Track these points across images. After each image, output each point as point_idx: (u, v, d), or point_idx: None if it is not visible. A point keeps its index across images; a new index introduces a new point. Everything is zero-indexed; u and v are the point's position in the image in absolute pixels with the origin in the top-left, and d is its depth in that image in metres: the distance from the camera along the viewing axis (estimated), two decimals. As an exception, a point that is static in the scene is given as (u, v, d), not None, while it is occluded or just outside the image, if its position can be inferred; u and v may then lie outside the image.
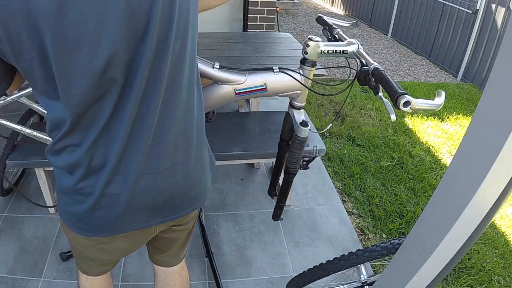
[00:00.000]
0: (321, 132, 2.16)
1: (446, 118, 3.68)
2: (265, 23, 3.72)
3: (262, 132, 2.10)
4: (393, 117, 0.92)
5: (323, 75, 2.28)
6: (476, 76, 4.79)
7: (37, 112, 2.20)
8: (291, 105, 1.21)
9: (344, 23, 1.32)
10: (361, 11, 7.66)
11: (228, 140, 2.02)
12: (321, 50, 1.09)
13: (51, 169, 1.98)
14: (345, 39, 1.14)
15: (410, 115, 3.64)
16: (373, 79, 0.98)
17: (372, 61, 1.01)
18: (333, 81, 4.25)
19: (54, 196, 2.07)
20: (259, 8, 3.62)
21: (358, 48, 1.09)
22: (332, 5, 8.83)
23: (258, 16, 3.67)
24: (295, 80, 1.12)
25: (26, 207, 2.08)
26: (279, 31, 4.68)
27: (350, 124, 3.28)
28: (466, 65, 4.92)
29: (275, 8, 3.71)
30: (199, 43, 2.88)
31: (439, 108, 0.93)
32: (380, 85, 0.97)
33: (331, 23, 1.27)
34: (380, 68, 0.98)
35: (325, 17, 1.30)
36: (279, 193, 1.44)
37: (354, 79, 1.06)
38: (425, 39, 5.70)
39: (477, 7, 4.64)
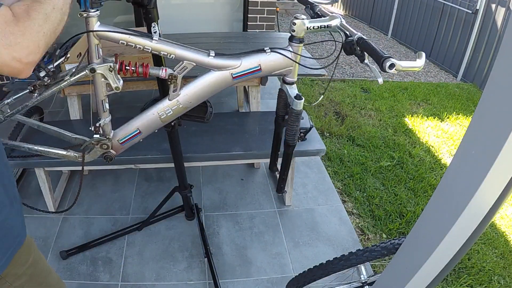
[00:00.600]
0: (313, 104, 2.30)
1: (446, 118, 3.68)
2: (265, 23, 3.72)
3: (262, 132, 2.10)
4: (380, 80, 0.98)
5: (323, 75, 2.29)
6: (476, 76, 4.79)
7: (37, 111, 2.21)
8: (284, 81, 1.26)
9: (323, 0, 1.41)
10: (361, 11, 7.65)
11: (228, 140, 2.02)
12: (307, 27, 1.14)
13: (51, 169, 1.98)
14: (328, 15, 1.20)
15: (410, 114, 3.64)
16: (358, 48, 1.04)
17: (355, 32, 1.07)
18: (333, 81, 4.25)
19: (54, 197, 2.07)
20: (259, 8, 3.62)
21: (341, 21, 1.15)
22: (332, 5, 8.82)
23: (258, 16, 3.67)
24: (286, 58, 1.19)
25: (26, 207, 2.08)
26: (279, 31, 4.67)
27: (350, 124, 3.28)
28: (466, 65, 4.92)
29: (275, 8, 3.71)
30: (199, 43, 2.88)
31: (420, 69, 1.00)
32: (365, 53, 1.04)
33: (312, 1, 1.35)
34: (364, 37, 1.04)
35: None
36: (281, 166, 1.51)
37: (340, 50, 1.11)
38: (425, 39, 5.70)
39: (477, 7, 4.64)
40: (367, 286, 1.37)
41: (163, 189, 2.29)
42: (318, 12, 1.29)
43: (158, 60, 1.29)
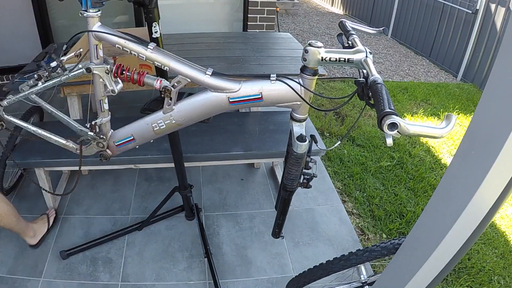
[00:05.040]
0: (329, 149, 2.13)
1: (446, 118, 3.67)
2: (265, 23, 3.72)
3: (262, 132, 2.10)
4: (389, 141, 0.76)
5: (323, 74, 2.28)
6: (476, 76, 4.79)
7: (37, 112, 2.21)
8: (291, 117, 1.12)
9: (369, 30, 1.21)
10: (361, 11, 7.65)
11: (228, 140, 2.02)
12: (322, 57, 0.96)
13: (51, 169, 1.98)
14: (356, 47, 1.01)
15: (410, 114, 3.64)
16: (370, 92, 0.85)
17: (374, 73, 0.88)
18: (333, 81, 4.25)
19: (54, 197, 2.07)
20: (259, 8, 3.62)
21: (366, 56, 0.94)
22: (332, 5, 8.83)
23: (258, 16, 3.67)
24: (293, 91, 1.03)
25: (26, 207, 2.08)
26: (279, 31, 4.67)
27: (350, 124, 3.28)
28: (466, 65, 4.92)
29: (275, 8, 3.71)
30: (199, 43, 2.87)
31: (444, 136, 0.77)
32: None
33: (349, 28, 1.13)
34: (379, 81, 0.84)
35: (347, 22, 1.17)
36: (278, 210, 1.34)
37: (355, 93, 0.94)
38: (425, 39, 5.70)
39: (477, 7, 4.64)
40: (367, 286, 1.37)
41: (163, 189, 2.29)
42: (350, 42, 1.08)
43: (160, 69, 1.27)
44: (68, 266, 1.78)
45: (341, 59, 0.96)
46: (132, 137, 1.26)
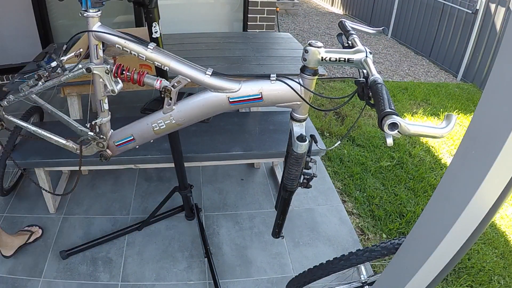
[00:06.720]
0: (329, 149, 2.12)
1: (446, 118, 3.67)
2: (265, 23, 3.72)
3: (262, 132, 2.10)
4: (389, 141, 0.76)
5: (323, 74, 2.28)
6: (476, 76, 4.79)
7: (37, 112, 2.21)
8: (291, 117, 1.12)
9: (369, 29, 1.21)
10: (361, 11, 7.65)
11: (228, 140, 2.02)
12: (322, 57, 0.96)
13: (51, 169, 1.98)
14: (356, 47, 1.00)
15: (410, 114, 3.64)
16: (370, 92, 0.85)
17: (374, 73, 0.88)
18: (333, 81, 4.25)
19: (54, 197, 2.07)
20: (259, 8, 3.62)
21: (366, 56, 0.94)
22: (332, 5, 8.82)
23: (258, 16, 3.67)
24: (292, 91, 1.02)
25: (26, 207, 2.08)
26: (279, 31, 4.68)
27: (350, 124, 3.28)
28: (466, 65, 4.92)
29: (275, 8, 3.71)
30: (200, 43, 2.87)
31: (444, 136, 0.77)
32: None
33: (349, 28, 1.13)
34: (380, 81, 0.84)
35: (347, 22, 1.17)
36: (278, 210, 1.34)
37: (355, 93, 0.94)
38: (425, 39, 5.70)
39: (477, 7, 4.64)
40: (367, 286, 1.37)
41: (163, 189, 2.29)
42: (350, 42, 1.07)
43: (160, 69, 1.27)
44: (68, 266, 1.78)
45: (341, 59, 0.96)
46: (132, 137, 1.26)
